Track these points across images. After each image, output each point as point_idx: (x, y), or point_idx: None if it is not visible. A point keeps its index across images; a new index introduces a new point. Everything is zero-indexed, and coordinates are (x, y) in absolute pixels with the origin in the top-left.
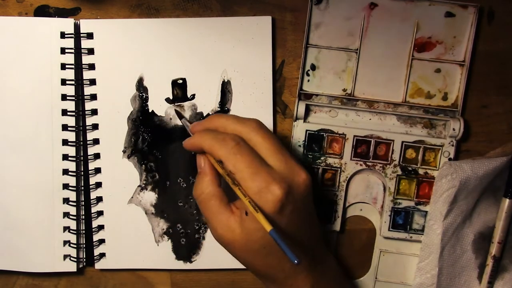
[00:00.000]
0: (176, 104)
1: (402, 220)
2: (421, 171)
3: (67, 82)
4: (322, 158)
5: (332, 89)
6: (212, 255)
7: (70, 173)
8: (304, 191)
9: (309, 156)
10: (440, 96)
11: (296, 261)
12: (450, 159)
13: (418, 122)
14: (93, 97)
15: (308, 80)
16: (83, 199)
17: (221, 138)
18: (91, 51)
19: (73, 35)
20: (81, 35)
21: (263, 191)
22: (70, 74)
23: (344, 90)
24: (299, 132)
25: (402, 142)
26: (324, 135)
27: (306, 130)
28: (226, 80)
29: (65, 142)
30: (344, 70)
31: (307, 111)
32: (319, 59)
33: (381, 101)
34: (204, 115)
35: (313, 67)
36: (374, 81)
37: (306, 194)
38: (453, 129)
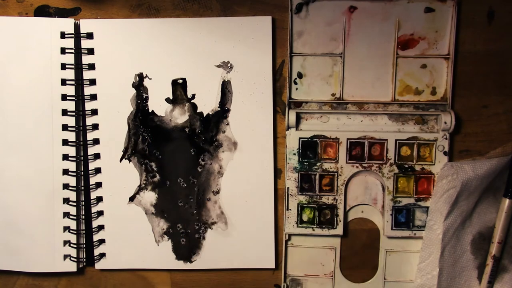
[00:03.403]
0: None
1: (404, 218)
2: (417, 167)
3: (67, 82)
4: (318, 164)
5: (321, 95)
6: (212, 255)
7: (70, 173)
8: None
9: (305, 163)
10: (428, 91)
11: None
12: (445, 153)
13: (410, 119)
14: (93, 97)
15: (296, 89)
16: (83, 199)
17: None
18: (91, 51)
19: (73, 35)
20: (81, 35)
21: None
22: (70, 74)
23: (333, 94)
24: (292, 141)
25: (396, 140)
26: (318, 141)
27: (299, 138)
28: (226, 80)
29: (65, 142)
30: (331, 75)
31: (298, 119)
32: (305, 66)
33: (370, 102)
34: (204, 115)
35: (300, 75)
36: (362, 82)
37: None
38: (445, 123)
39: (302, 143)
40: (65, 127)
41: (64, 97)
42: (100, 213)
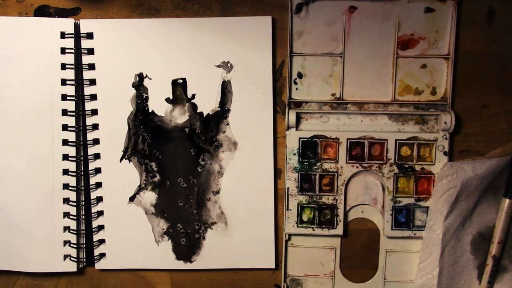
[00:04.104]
0: None
1: (404, 218)
2: (417, 167)
3: (67, 82)
4: (318, 164)
5: (321, 95)
6: (212, 255)
7: (70, 173)
8: None
9: (305, 163)
10: (428, 91)
11: None
12: (445, 153)
13: (410, 119)
14: (93, 97)
15: (296, 89)
16: (83, 199)
17: None
18: (91, 51)
19: (73, 35)
20: (81, 35)
21: None
22: (70, 74)
23: (333, 94)
24: (292, 141)
25: (396, 140)
26: (318, 141)
27: (299, 138)
28: (226, 80)
29: (65, 142)
30: (331, 75)
31: (298, 119)
32: (305, 66)
33: (370, 102)
34: (204, 115)
35: (300, 75)
36: (362, 82)
37: None
38: (445, 123)
39: (302, 143)
40: (65, 127)
41: (64, 97)
42: (100, 213)
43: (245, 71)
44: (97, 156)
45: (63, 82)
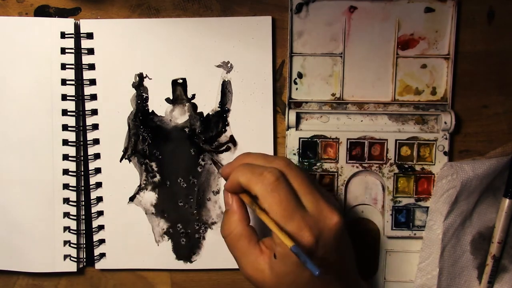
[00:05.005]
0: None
1: (404, 218)
2: (417, 167)
3: (67, 82)
4: (318, 164)
5: (321, 95)
6: (212, 255)
7: (70, 173)
8: (336, 234)
9: (305, 163)
10: (428, 91)
11: (317, 273)
12: (445, 153)
13: (410, 119)
14: (93, 97)
15: (296, 89)
16: (83, 199)
17: (259, 172)
18: (91, 51)
19: (73, 35)
20: (81, 35)
21: (294, 236)
22: (70, 74)
23: (333, 94)
24: (292, 141)
25: (396, 140)
26: (318, 141)
27: (299, 138)
28: (226, 80)
29: (65, 142)
30: (331, 75)
31: (298, 119)
32: (305, 66)
33: (370, 102)
34: (204, 115)
35: (300, 75)
36: (362, 82)
37: (338, 237)
38: (445, 123)
39: (302, 143)
40: (65, 127)
41: (64, 97)
42: (100, 213)
43: (245, 71)
44: (97, 156)
45: (63, 82)
